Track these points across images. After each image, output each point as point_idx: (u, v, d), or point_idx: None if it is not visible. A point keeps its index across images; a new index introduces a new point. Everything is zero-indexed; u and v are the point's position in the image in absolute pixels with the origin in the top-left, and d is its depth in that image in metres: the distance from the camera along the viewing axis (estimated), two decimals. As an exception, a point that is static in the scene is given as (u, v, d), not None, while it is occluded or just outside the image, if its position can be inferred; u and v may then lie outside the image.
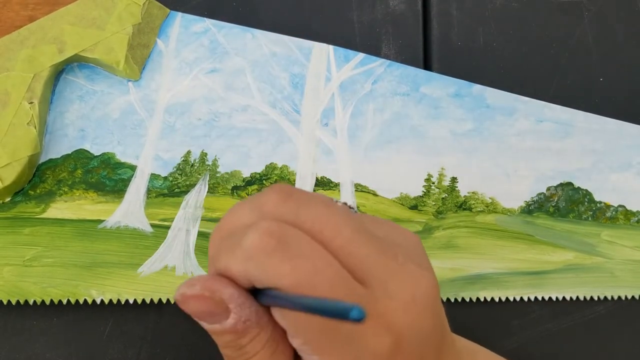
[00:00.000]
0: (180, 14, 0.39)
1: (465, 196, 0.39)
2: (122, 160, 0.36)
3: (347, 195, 0.37)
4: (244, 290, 0.23)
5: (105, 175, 0.36)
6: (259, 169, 0.37)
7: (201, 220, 0.36)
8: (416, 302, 0.23)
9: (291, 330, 0.22)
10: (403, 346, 0.22)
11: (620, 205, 0.40)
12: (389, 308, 0.22)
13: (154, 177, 0.36)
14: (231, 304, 0.22)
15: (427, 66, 0.42)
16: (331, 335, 0.22)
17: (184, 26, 0.38)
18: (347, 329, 0.21)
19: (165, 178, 0.36)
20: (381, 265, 0.23)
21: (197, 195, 0.36)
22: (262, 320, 0.23)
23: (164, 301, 0.34)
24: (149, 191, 0.36)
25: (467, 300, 0.37)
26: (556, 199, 0.40)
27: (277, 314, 0.22)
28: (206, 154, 0.37)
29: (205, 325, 0.23)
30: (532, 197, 0.40)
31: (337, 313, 0.17)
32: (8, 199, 0.35)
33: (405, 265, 0.23)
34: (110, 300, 0.34)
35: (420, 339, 0.23)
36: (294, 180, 0.37)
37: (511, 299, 0.37)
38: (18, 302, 0.33)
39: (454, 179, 0.39)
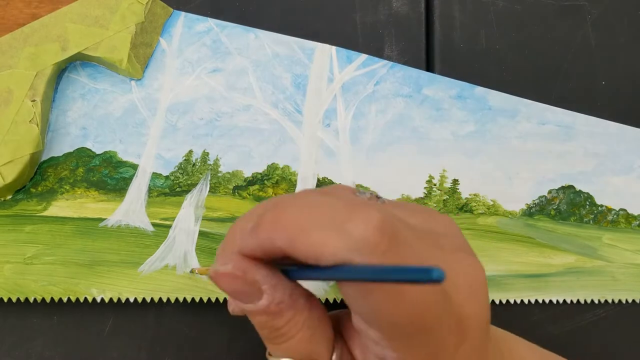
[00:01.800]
0: (183, 13, 0.39)
1: (466, 198, 0.39)
2: (124, 159, 0.36)
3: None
4: (278, 273, 0.23)
5: (106, 174, 0.36)
6: (261, 169, 0.37)
7: (202, 219, 0.36)
8: (474, 291, 0.23)
9: (369, 319, 0.21)
10: (469, 336, 0.22)
11: (621, 209, 0.40)
12: (454, 300, 0.22)
13: (155, 176, 0.36)
14: (264, 285, 0.22)
15: (429, 68, 0.42)
16: (408, 329, 0.21)
17: (187, 25, 0.38)
18: (426, 322, 0.21)
19: (167, 177, 0.36)
20: (432, 257, 0.22)
21: (199, 195, 0.36)
22: (298, 304, 0.23)
23: (164, 300, 0.34)
24: (150, 190, 0.36)
25: (468, 302, 0.37)
26: (557, 202, 0.40)
27: (358, 302, 0.21)
28: (208, 153, 0.37)
29: (239, 304, 0.23)
30: (534, 200, 0.39)
31: (418, 275, 0.17)
32: (9, 197, 0.35)
33: (453, 254, 0.23)
34: (111, 299, 0.34)
35: (480, 327, 0.23)
36: (296, 181, 0.37)
37: (512, 301, 0.37)
38: (18, 299, 0.33)
39: (455, 181, 0.39)
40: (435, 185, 0.39)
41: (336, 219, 0.20)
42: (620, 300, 0.39)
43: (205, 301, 0.34)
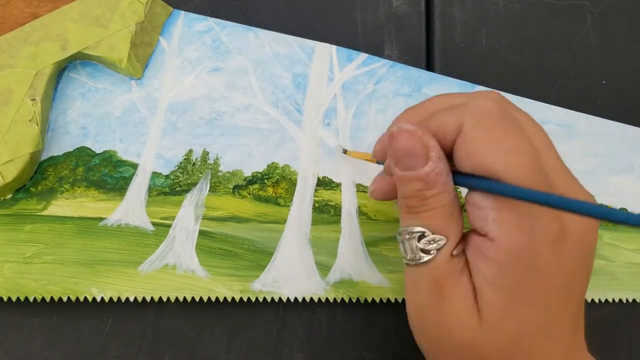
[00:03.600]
0: (183, 12, 0.39)
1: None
2: (124, 158, 0.36)
3: (348, 196, 0.37)
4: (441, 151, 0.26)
5: (106, 173, 0.36)
6: (261, 168, 0.37)
7: (202, 219, 0.36)
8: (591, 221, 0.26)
9: (492, 229, 0.25)
10: (567, 237, 0.25)
11: (622, 208, 0.40)
12: (574, 218, 0.25)
13: (155, 175, 0.36)
14: (433, 152, 0.25)
15: (429, 67, 0.42)
16: (517, 207, 0.24)
17: (187, 25, 0.38)
18: (533, 208, 0.24)
19: (167, 176, 0.36)
20: (560, 172, 0.27)
21: (199, 194, 0.36)
22: (448, 185, 0.26)
23: (164, 299, 0.34)
24: (150, 189, 0.36)
25: (468, 301, 0.37)
26: (558, 201, 0.40)
27: (487, 213, 0.25)
28: (208, 152, 0.37)
29: (398, 171, 0.26)
30: (534, 199, 0.39)
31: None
32: (9, 196, 0.35)
33: (564, 169, 0.27)
34: (111, 298, 0.34)
35: (580, 237, 0.25)
36: (296, 180, 0.37)
37: (512, 301, 0.37)
38: (18, 299, 0.33)
39: (455, 180, 0.39)
40: (435, 184, 0.38)
41: (462, 100, 0.27)
42: (620, 300, 0.39)
43: (205, 301, 0.34)
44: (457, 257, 0.26)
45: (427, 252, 0.26)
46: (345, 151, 0.36)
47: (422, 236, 0.26)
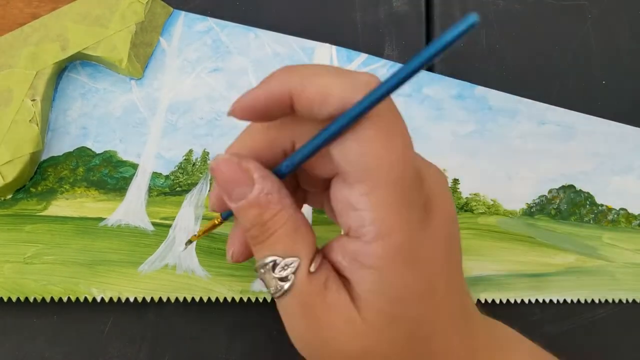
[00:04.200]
0: (183, 12, 0.39)
1: (467, 198, 0.39)
2: (124, 158, 0.36)
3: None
4: (268, 170, 0.25)
5: (106, 174, 0.36)
6: (261, 168, 0.37)
7: (202, 219, 0.36)
8: (441, 185, 0.26)
9: (357, 172, 0.23)
10: (435, 218, 0.25)
11: (621, 209, 0.40)
12: (432, 191, 0.25)
13: (155, 175, 0.36)
14: (255, 174, 0.24)
15: (429, 67, 0.41)
16: (395, 189, 0.23)
17: (187, 25, 0.38)
18: (402, 172, 0.23)
19: (167, 177, 0.36)
20: (418, 158, 0.26)
21: (199, 194, 0.36)
22: (284, 201, 0.25)
23: (164, 300, 0.34)
24: (150, 190, 0.36)
25: (468, 302, 0.37)
26: (558, 201, 0.40)
27: (351, 149, 0.23)
28: (208, 152, 0.37)
29: (232, 205, 0.25)
30: (534, 200, 0.39)
31: (459, 30, 0.18)
32: (9, 196, 0.35)
33: (427, 161, 0.27)
34: (111, 299, 0.34)
35: (446, 215, 0.25)
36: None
37: (512, 301, 0.37)
38: (18, 299, 0.33)
39: (455, 181, 0.39)
40: (435, 184, 0.39)
41: (344, 72, 0.23)
42: (620, 300, 0.39)
43: (205, 301, 0.34)
44: (318, 272, 0.25)
45: (285, 279, 0.24)
46: (189, 242, 0.33)
47: (275, 265, 0.25)
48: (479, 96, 0.40)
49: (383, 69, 0.40)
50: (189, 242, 0.32)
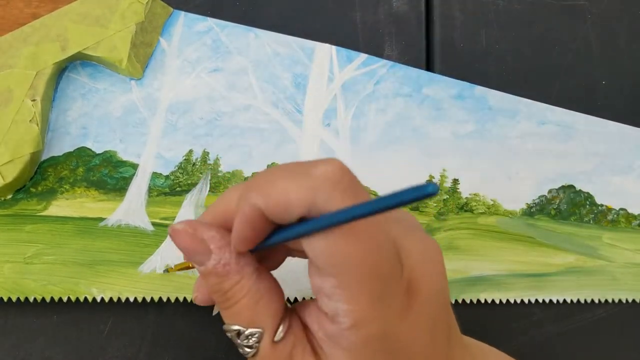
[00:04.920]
0: (183, 13, 0.39)
1: (466, 198, 0.39)
2: (124, 158, 0.36)
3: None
4: (227, 238, 0.24)
5: (106, 174, 0.36)
6: (261, 168, 0.37)
7: (202, 219, 0.36)
8: (426, 259, 0.25)
9: (327, 268, 0.22)
10: (418, 300, 0.24)
11: (621, 209, 0.40)
12: (405, 264, 0.24)
13: (155, 175, 0.36)
14: (212, 245, 0.24)
15: (429, 67, 0.42)
16: (360, 271, 0.22)
17: (187, 25, 0.38)
18: (377, 265, 0.22)
19: (167, 177, 0.36)
20: (401, 233, 0.25)
21: (199, 195, 0.36)
22: (244, 270, 0.24)
23: (164, 300, 0.34)
24: (150, 190, 0.36)
25: (468, 302, 0.37)
26: (558, 201, 0.40)
27: (318, 247, 0.22)
28: (208, 153, 0.37)
29: (197, 267, 0.25)
30: (534, 200, 0.39)
31: (415, 194, 0.18)
32: (9, 196, 0.35)
33: (408, 228, 0.25)
34: (111, 299, 0.34)
35: (431, 295, 0.24)
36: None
37: (512, 301, 0.37)
38: (18, 299, 0.33)
39: (455, 181, 0.39)
40: (435, 184, 0.39)
41: (300, 169, 0.22)
42: (620, 300, 0.39)
43: (205, 301, 0.34)
44: (284, 340, 0.24)
45: (249, 347, 0.24)
46: (167, 270, 0.33)
47: (239, 333, 0.24)
48: (479, 96, 0.40)
49: (383, 69, 0.40)
50: (166, 271, 0.32)
